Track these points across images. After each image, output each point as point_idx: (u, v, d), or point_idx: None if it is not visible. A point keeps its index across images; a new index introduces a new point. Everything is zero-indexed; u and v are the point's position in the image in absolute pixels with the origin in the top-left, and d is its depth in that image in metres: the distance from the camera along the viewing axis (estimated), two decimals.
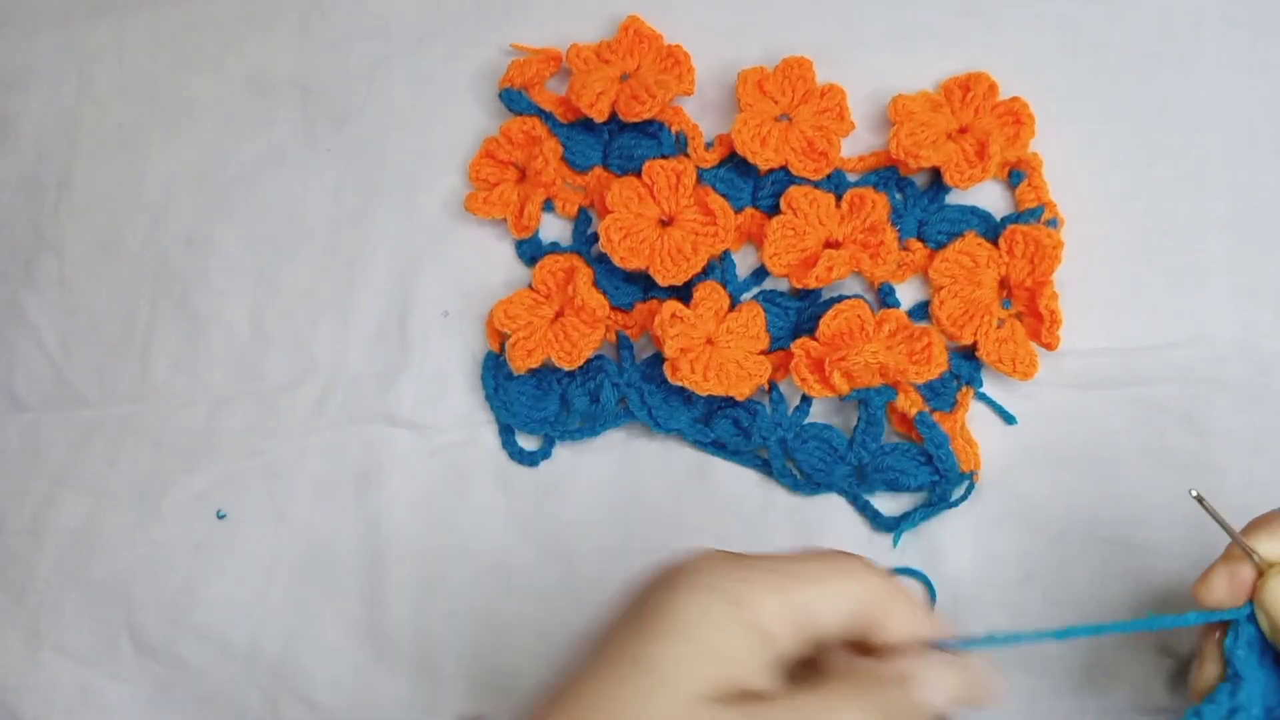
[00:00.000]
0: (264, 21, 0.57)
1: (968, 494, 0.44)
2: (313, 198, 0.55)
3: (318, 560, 0.52)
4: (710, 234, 0.47)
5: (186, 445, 0.55)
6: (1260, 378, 0.43)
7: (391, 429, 0.52)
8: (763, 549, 0.46)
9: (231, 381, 0.55)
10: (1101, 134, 0.46)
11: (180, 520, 0.54)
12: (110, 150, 0.59)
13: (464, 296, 0.52)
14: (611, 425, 0.49)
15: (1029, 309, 0.45)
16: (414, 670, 0.50)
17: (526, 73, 0.51)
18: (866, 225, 0.46)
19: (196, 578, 0.53)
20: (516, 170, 0.52)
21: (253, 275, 0.55)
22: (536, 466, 0.50)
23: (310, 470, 0.53)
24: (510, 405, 0.49)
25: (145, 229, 0.57)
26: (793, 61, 0.48)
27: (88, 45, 0.60)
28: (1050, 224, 0.45)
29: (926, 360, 0.44)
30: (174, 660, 0.53)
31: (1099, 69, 0.46)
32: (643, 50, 0.51)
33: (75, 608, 0.55)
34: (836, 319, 0.45)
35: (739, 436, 0.47)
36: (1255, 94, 0.44)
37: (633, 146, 0.49)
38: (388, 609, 0.50)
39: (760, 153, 0.47)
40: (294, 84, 0.56)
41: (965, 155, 0.45)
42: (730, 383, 0.45)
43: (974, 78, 0.46)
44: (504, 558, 0.50)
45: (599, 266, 0.49)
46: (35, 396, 0.58)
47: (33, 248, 0.59)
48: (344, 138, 0.55)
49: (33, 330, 0.58)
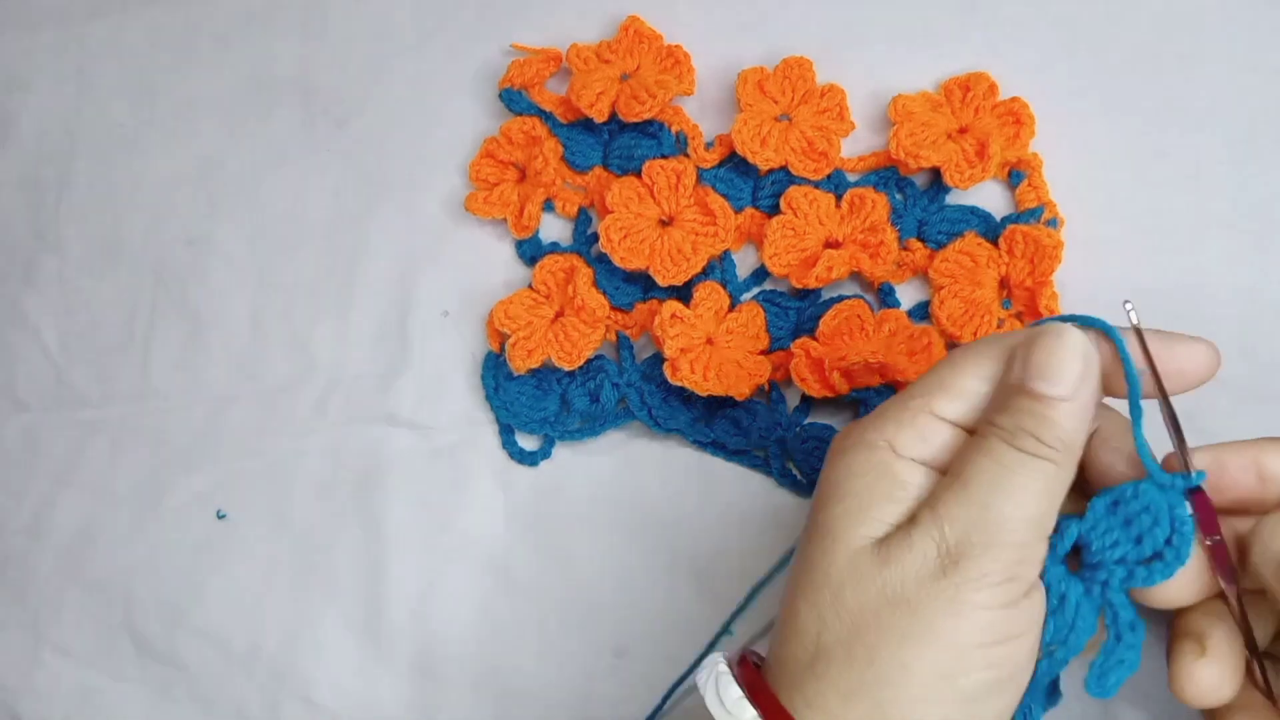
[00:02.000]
0: (264, 21, 0.57)
1: None
2: (313, 198, 0.55)
3: (318, 560, 0.52)
4: (710, 234, 0.47)
5: (186, 445, 0.55)
6: (1260, 378, 0.43)
7: (391, 429, 0.52)
8: (762, 549, 0.47)
9: (231, 381, 0.55)
10: (1101, 134, 0.46)
11: (180, 520, 0.54)
12: (110, 150, 0.59)
13: (464, 296, 0.52)
14: (611, 425, 0.49)
15: (1029, 309, 0.45)
16: (414, 670, 0.50)
17: (526, 73, 0.51)
18: (866, 225, 0.46)
19: (196, 578, 0.53)
20: (516, 170, 0.52)
21: (253, 275, 0.55)
22: (536, 466, 0.50)
23: (310, 470, 0.53)
24: (510, 405, 0.49)
25: (145, 229, 0.57)
26: (793, 61, 0.48)
27: (88, 45, 0.60)
28: (1050, 224, 0.45)
29: (926, 360, 0.44)
30: (174, 660, 0.53)
31: (1099, 69, 0.46)
32: (643, 50, 0.51)
33: (75, 608, 0.55)
34: (836, 319, 0.45)
35: (739, 436, 0.47)
36: (1255, 94, 0.44)
37: (633, 146, 0.49)
38: (388, 609, 0.50)
39: (760, 153, 0.47)
40: (294, 84, 0.56)
41: (965, 155, 0.45)
42: (730, 383, 0.45)
43: (974, 78, 0.46)
44: (504, 558, 0.50)
45: (599, 266, 0.49)
46: (35, 396, 0.58)
47: (33, 248, 0.59)
48: (344, 138, 0.55)
49: (33, 330, 0.58)
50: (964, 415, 0.33)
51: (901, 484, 0.32)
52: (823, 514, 0.33)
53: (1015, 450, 0.31)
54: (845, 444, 0.33)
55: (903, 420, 0.32)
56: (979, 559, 0.30)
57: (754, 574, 0.47)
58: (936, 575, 0.30)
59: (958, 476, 0.31)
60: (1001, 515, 0.30)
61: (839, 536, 0.32)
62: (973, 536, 0.30)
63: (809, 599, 0.32)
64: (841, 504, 0.32)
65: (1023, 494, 0.30)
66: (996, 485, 0.30)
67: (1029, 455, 0.31)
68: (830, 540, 0.32)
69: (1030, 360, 0.31)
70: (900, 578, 0.30)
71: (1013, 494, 0.30)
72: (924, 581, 0.30)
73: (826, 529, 0.32)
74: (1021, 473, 0.31)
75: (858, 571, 0.31)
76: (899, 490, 0.32)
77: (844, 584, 0.31)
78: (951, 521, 0.30)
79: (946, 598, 0.30)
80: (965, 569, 0.30)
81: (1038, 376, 0.31)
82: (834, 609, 0.31)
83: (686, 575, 0.47)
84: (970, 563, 0.30)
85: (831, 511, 0.32)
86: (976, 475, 0.31)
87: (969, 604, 0.30)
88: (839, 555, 0.32)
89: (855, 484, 0.32)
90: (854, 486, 0.32)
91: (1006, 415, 0.31)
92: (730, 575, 0.47)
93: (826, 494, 0.33)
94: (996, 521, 0.30)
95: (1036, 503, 0.31)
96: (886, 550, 0.31)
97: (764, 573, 0.46)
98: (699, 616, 0.47)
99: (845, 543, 0.32)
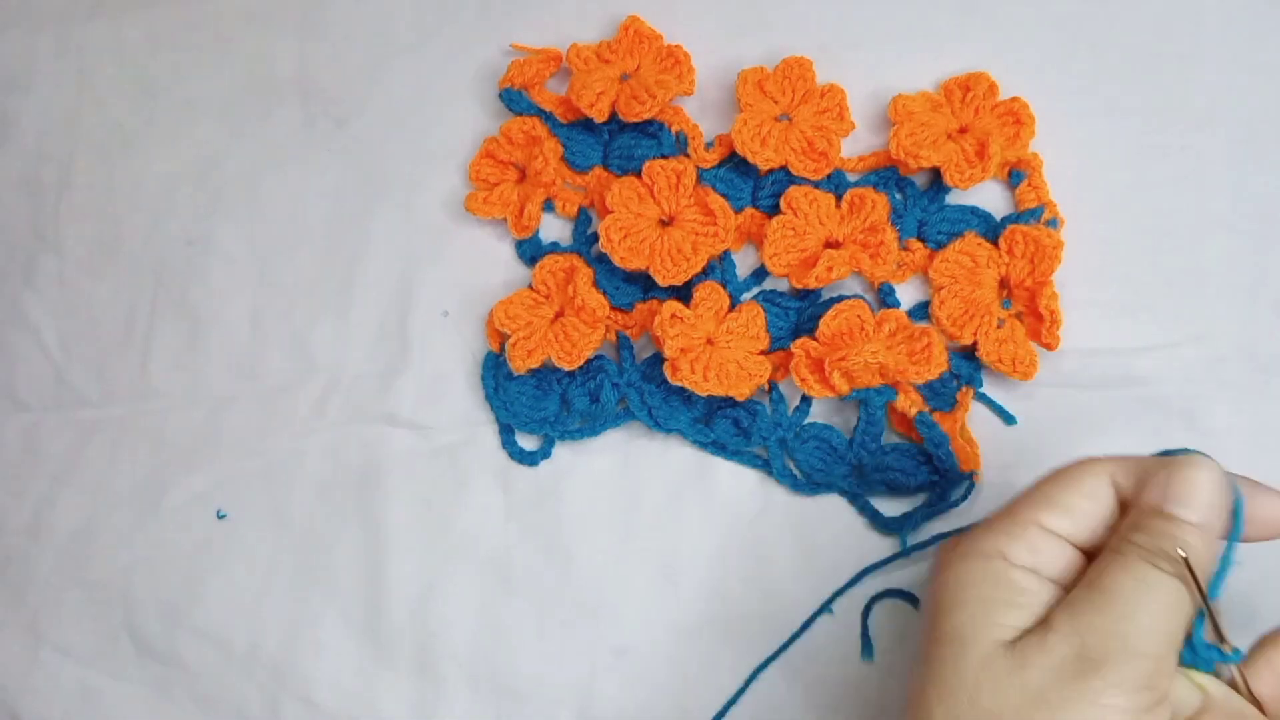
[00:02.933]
0: (264, 21, 0.57)
1: (968, 494, 0.44)
2: (313, 198, 0.55)
3: (318, 560, 0.52)
4: (710, 234, 0.47)
5: (186, 445, 0.55)
6: (1260, 378, 0.43)
7: (391, 429, 0.52)
8: (763, 549, 0.47)
9: (231, 381, 0.55)
10: (1101, 134, 0.46)
11: (180, 520, 0.54)
12: (110, 150, 0.59)
13: (464, 296, 0.52)
14: (611, 425, 0.49)
15: (1029, 309, 0.45)
16: (414, 670, 0.50)
17: (526, 73, 0.51)
18: (866, 225, 0.46)
19: (196, 578, 0.53)
20: (516, 170, 0.52)
21: (253, 275, 0.55)
22: (536, 466, 0.50)
23: (310, 470, 0.53)
24: (510, 405, 0.49)
25: (145, 229, 0.57)
26: (793, 61, 0.48)
27: (88, 45, 0.60)
28: (1050, 224, 0.45)
29: (926, 360, 0.44)
30: (174, 660, 0.53)
31: (1099, 69, 0.46)
32: (643, 50, 0.51)
33: (75, 608, 0.55)
34: (836, 319, 0.45)
35: (739, 436, 0.47)
36: (1255, 94, 0.44)
37: (633, 146, 0.49)
38: (388, 609, 0.50)
39: (760, 153, 0.47)
40: (294, 84, 0.56)
41: (965, 155, 0.45)
42: (730, 383, 0.45)
43: (974, 78, 0.46)
44: (504, 558, 0.50)
45: (599, 266, 0.49)
46: (35, 396, 0.58)
47: (33, 248, 0.59)
48: (344, 138, 0.55)
49: (33, 330, 0.58)
50: (1071, 531, 0.34)
51: (1021, 590, 0.33)
52: (946, 621, 0.34)
53: (1154, 569, 0.32)
54: (957, 554, 0.35)
55: (1013, 533, 0.34)
56: (1119, 666, 0.31)
57: (754, 573, 0.47)
58: (1076, 678, 0.31)
59: (1096, 588, 0.32)
60: (1140, 626, 0.32)
61: (969, 641, 0.33)
62: (1111, 644, 0.31)
63: (945, 703, 0.33)
64: (965, 610, 0.33)
65: (1160, 608, 0.32)
66: (1136, 598, 0.32)
67: (1167, 574, 0.32)
68: (960, 645, 0.33)
69: (1171, 487, 0.33)
70: (1040, 680, 0.31)
71: (1151, 608, 0.32)
72: (1063, 683, 0.31)
73: (954, 635, 0.33)
74: (1160, 589, 0.32)
75: (993, 674, 0.32)
76: (1019, 596, 0.33)
77: (980, 686, 0.32)
78: (1091, 629, 0.32)
79: (1087, 700, 0.31)
80: (1105, 674, 0.31)
81: (1178, 503, 0.33)
82: (971, 711, 0.32)
83: (686, 575, 0.47)
84: (1110, 669, 0.31)
85: (956, 618, 0.33)
86: (1116, 587, 0.32)
87: (1109, 708, 0.31)
88: (972, 659, 0.32)
89: (975, 591, 0.34)
90: (975, 594, 0.34)
91: (1145, 535, 0.33)
92: (730, 575, 0.47)
93: (946, 601, 0.34)
94: (1137, 632, 0.32)
95: (1170, 617, 0.32)
96: (1022, 653, 0.32)
97: (775, 572, 0.46)
98: (699, 616, 0.47)
99: (977, 646, 0.33)
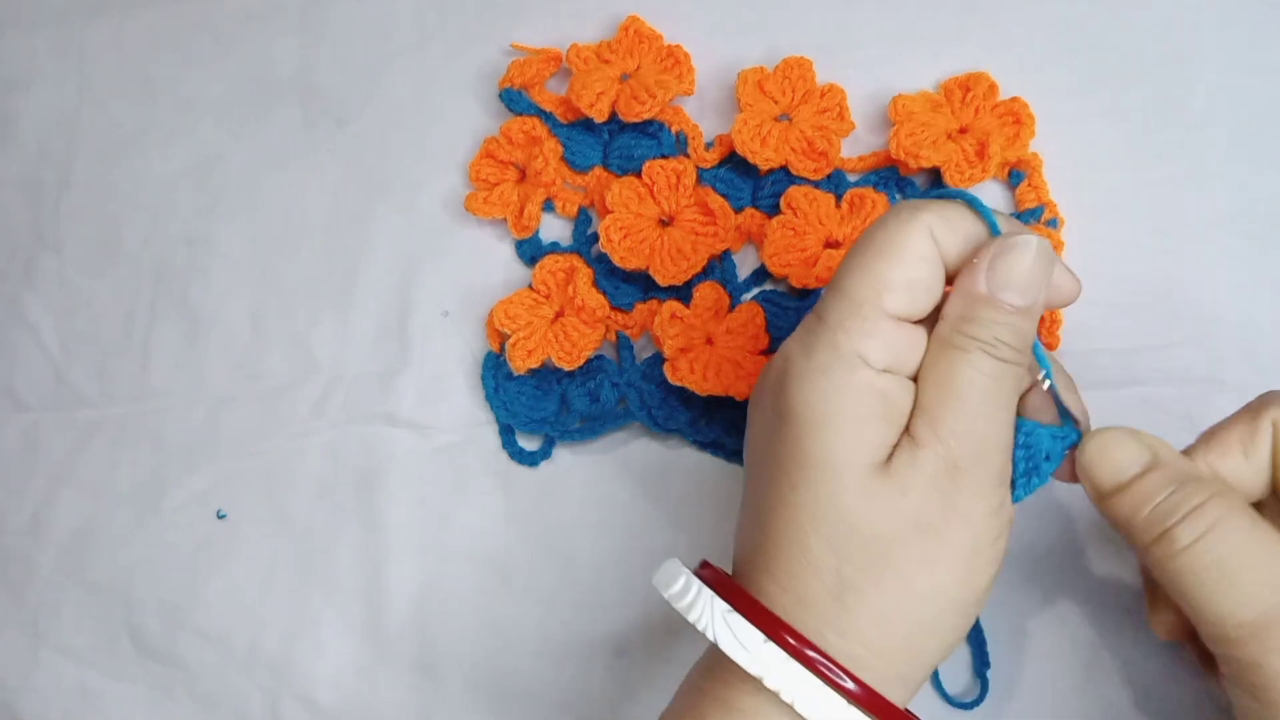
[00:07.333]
0: (264, 21, 0.57)
1: None
2: (313, 198, 0.55)
3: (318, 560, 0.52)
4: (710, 234, 0.47)
5: (186, 445, 0.55)
6: (1260, 378, 0.43)
7: (391, 429, 0.52)
8: None
9: (231, 381, 0.55)
10: (1101, 134, 0.46)
11: (180, 520, 0.54)
12: (110, 150, 0.59)
13: (464, 296, 0.52)
14: (611, 425, 0.49)
15: None
16: (414, 670, 0.50)
17: (526, 73, 0.51)
18: (866, 225, 0.46)
19: (196, 578, 0.53)
20: (516, 170, 0.52)
21: (253, 275, 0.55)
22: (536, 466, 0.50)
23: (310, 470, 0.53)
24: (510, 405, 0.49)
25: (145, 229, 0.57)
26: (793, 61, 0.48)
27: (88, 45, 0.60)
28: (1050, 224, 0.45)
29: None
30: (174, 660, 0.53)
31: (1099, 69, 0.46)
32: (643, 50, 0.51)
33: (75, 608, 0.55)
34: None
35: (739, 437, 0.47)
36: (1255, 94, 0.44)
37: (633, 146, 0.49)
38: (388, 609, 0.50)
39: (760, 153, 0.47)
40: (294, 84, 0.56)
41: (965, 155, 0.45)
42: (730, 383, 0.45)
43: (974, 78, 0.46)
44: (504, 558, 0.50)
45: (599, 266, 0.49)
46: (35, 396, 0.58)
47: (33, 248, 0.59)
48: (344, 138, 0.55)
49: (33, 330, 0.58)
50: (911, 308, 0.32)
51: (888, 400, 0.32)
52: (813, 441, 0.31)
53: (999, 361, 0.31)
54: (815, 363, 0.32)
55: (865, 329, 0.32)
56: (979, 469, 0.31)
57: None
58: (947, 493, 0.31)
59: (948, 389, 0.31)
60: (997, 422, 0.32)
61: (842, 466, 0.31)
62: (974, 446, 0.31)
63: (821, 532, 0.31)
64: (833, 429, 0.31)
65: (1010, 401, 0.32)
66: (988, 397, 0.31)
67: (1009, 364, 0.32)
68: (832, 470, 0.31)
69: (999, 272, 0.32)
70: (919, 501, 0.31)
71: (1002, 403, 0.32)
72: (938, 501, 0.31)
73: (826, 459, 0.31)
74: (1006, 381, 0.32)
75: (871, 500, 0.31)
76: (886, 407, 0.32)
77: (859, 513, 0.31)
78: (955, 437, 0.31)
79: (961, 514, 0.31)
80: (968, 482, 0.31)
81: (1009, 288, 0.32)
82: (852, 540, 0.31)
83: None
84: (970, 475, 0.31)
85: (824, 437, 0.31)
86: (969, 389, 0.31)
87: (978, 513, 0.31)
88: (848, 484, 0.31)
89: (841, 406, 0.31)
90: (842, 411, 0.31)
91: (981, 326, 0.32)
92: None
93: (810, 418, 0.32)
94: (994, 430, 0.31)
95: (1014, 407, 0.32)
96: (895, 476, 0.31)
97: None
98: None
99: (851, 471, 0.31)
